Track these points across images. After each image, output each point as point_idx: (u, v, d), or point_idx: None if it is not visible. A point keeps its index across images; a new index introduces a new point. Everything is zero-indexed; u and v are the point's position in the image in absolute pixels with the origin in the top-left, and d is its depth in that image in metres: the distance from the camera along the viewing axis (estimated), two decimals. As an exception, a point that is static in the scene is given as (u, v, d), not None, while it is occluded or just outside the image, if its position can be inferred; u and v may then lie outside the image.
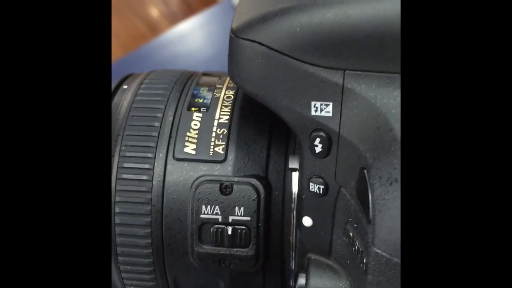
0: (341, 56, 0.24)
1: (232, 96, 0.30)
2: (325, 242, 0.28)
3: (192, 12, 1.00)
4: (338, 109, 0.25)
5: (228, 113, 0.30)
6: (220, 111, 0.30)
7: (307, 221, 0.28)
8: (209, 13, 0.92)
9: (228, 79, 0.32)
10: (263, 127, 0.29)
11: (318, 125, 0.25)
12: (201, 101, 0.30)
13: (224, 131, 0.29)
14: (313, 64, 0.24)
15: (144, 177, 0.29)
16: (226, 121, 0.29)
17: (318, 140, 0.25)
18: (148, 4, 1.14)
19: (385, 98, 0.24)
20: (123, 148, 0.29)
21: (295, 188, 0.29)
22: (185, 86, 0.32)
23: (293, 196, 0.29)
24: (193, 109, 0.30)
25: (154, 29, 1.09)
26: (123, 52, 0.97)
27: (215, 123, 0.29)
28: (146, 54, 0.90)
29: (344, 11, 0.23)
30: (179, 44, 0.90)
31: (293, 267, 0.30)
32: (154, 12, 1.14)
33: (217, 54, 0.86)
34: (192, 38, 0.91)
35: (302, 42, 0.24)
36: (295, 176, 0.29)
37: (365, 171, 0.24)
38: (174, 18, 1.09)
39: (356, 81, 0.24)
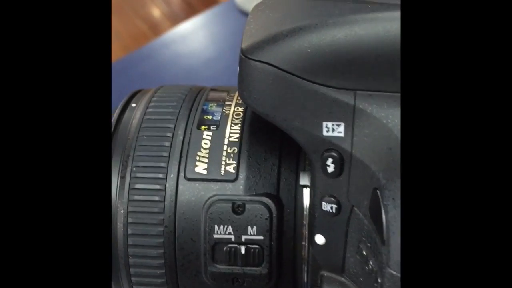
0: (352, 77, 0.24)
1: (241, 113, 0.30)
2: (338, 260, 0.28)
3: (193, 12, 1.00)
4: (350, 129, 0.25)
5: (238, 131, 0.30)
6: (230, 129, 0.30)
7: (319, 239, 0.28)
8: (210, 13, 0.92)
9: (236, 94, 0.32)
10: (273, 144, 0.29)
11: (330, 145, 0.25)
12: (210, 118, 0.30)
13: (234, 149, 0.29)
14: (324, 85, 0.24)
15: (156, 198, 0.29)
16: (236, 139, 0.29)
17: (330, 160, 0.25)
18: (149, 4, 1.14)
19: (397, 118, 0.24)
20: (134, 169, 0.29)
21: (306, 204, 0.29)
22: (194, 103, 0.31)
23: (305, 212, 0.29)
24: (202, 127, 0.30)
25: (155, 29, 1.09)
26: (125, 52, 0.97)
27: (226, 141, 0.29)
28: (148, 54, 0.90)
29: (354, 31, 0.23)
30: (181, 44, 0.89)
31: (306, 283, 0.30)
32: (156, 12, 1.13)
33: (219, 54, 0.85)
34: (194, 38, 0.91)
35: (313, 63, 0.24)
36: (306, 192, 0.29)
37: (378, 191, 0.24)
38: (176, 18, 1.08)
39: (368, 102, 0.24)
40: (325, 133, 0.25)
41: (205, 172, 0.29)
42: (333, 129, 0.25)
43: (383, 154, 0.24)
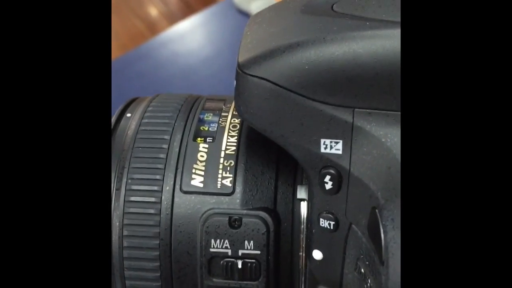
0: (350, 94, 0.24)
1: (238, 125, 0.30)
2: (335, 276, 0.27)
3: (191, 12, 0.99)
4: (348, 147, 0.24)
5: (235, 144, 0.29)
6: (227, 141, 0.29)
7: (317, 255, 0.27)
8: (208, 12, 0.91)
9: (233, 105, 0.32)
10: (270, 157, 0.29)
11: (328, 162, 0.25)
12: (206, 129, 0.30)
13: (231, 162, 0.29)
14: (321, 102, 0.24)
15: (152, 211, 0.28)
16: (233, 152, 0.29)
17: (328, 177, 0.25)
18: (147, 4, 1.13)
19: (396, 137, 0.23)
20: (129, 181, 0.29)
21: (304, 218, 0.28)
22: (190, 113, 0.31)
23: (302, 226, 0.29)
24: (199, 139, 0.30)
25: (153, 29, 1.09)
26: (122, 52, 0.97)
27: (222, 154, 0.29)
28: (145, 53, 0.89)
29: (353, 48, 0.23)
30: (178, 43, 0.89)
31: (303, 298, 0.29)
32: (154, 11, 1.13)
33: (217, 53, 0.85)
34: (192, 37, 0.90)
35: (311, 80, 0.24)
36: (303, 206, 0.29)
37: (376, 211, 0.23)
38: (174, 17, 1.08)
39: (366, 120, 0.24)
40: (323, 150, 0.25)
41: (201, 185, 0.29)
42: (331, 146, 0.25)
43: (382, 173, 0.24)
